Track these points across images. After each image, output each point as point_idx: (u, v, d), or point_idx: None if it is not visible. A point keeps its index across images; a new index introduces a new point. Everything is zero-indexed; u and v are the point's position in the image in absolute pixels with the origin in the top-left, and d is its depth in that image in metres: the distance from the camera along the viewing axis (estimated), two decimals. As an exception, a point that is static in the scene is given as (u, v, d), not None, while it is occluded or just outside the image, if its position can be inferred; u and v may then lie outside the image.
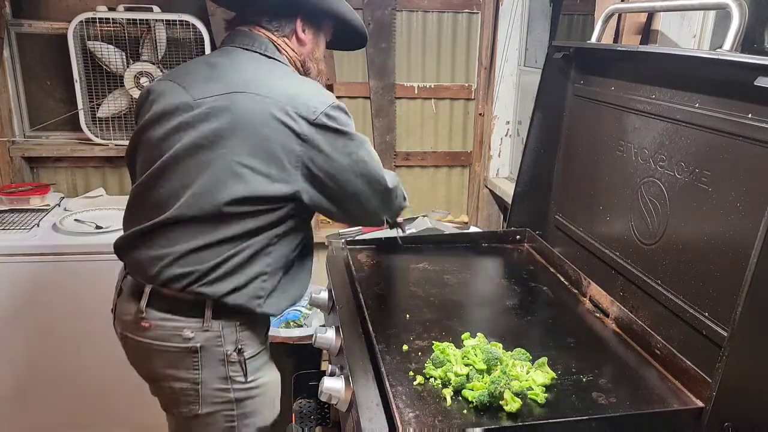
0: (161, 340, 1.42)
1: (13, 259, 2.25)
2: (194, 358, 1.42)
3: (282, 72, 1.44)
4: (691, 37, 1.68)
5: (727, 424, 1.04)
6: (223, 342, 1.43)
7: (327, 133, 1.34)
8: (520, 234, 1.92)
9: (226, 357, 1.44)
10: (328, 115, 1.34)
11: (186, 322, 1.40)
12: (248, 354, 1.47)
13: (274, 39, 1.47)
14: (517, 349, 1.24)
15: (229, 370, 1.45)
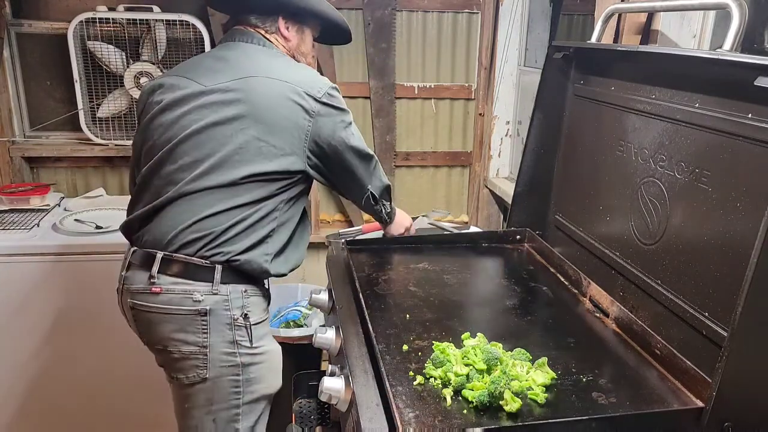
0: (171, 304, 1.49)
1: (13, 259, 2.24)
2: (203, 321, 1.49)
3: (285, 60, 1.58)
4: (691, 37, 1.68)
5: (727, 424, 1.04)
6: (230, 306, 1.50)
7: (329, 109, 1.51)
8: (520, 234, 1.92)
9: (233, 321, 1.51)
10: (330, 94, 1.52)
11: (196, 286, 1.48)
12: (253, 320, 1.54)
13: (265, 35, 1.59)
14: (517, 349, 1.24)
15: (236, 334, 1.52)
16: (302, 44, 1.65)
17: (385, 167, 3.02)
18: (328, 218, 3.12)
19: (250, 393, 1.57)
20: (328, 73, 2.85)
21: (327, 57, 2.82)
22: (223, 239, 1.47)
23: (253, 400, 1.59)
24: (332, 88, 1.54)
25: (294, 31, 1.62)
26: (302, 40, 1.65)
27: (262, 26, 1.59)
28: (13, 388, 2.37)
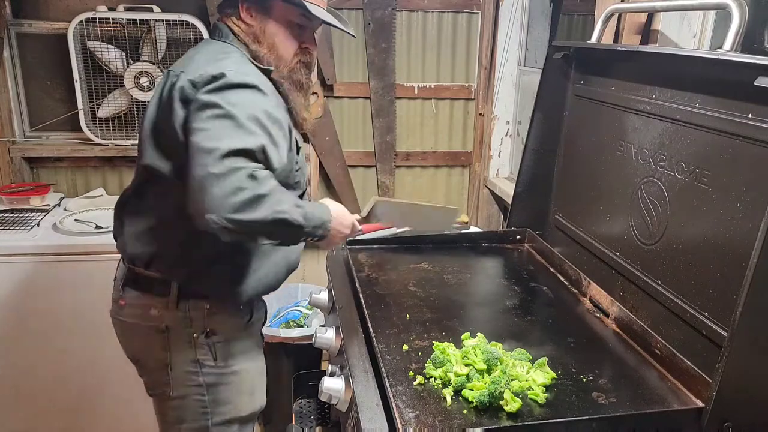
0: (134, 318, 1.46)
1: (13, 259, 2.24)
2: (163, 337, 1.44)
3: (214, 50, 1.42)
4: (691, 37, 1.68)
5: (727, 424, 1.04)
6: (190, 323, 1.44)
7: (205, 89, 1.30)
8: (520, 234, 1.92)
9: (194, 340, 1.45)
10: (215, 77, 1.29)
11: (153, 301, 1.44)
12: (219, 338, 1.47)
13: (229, 23, 1.47)
14: (517, 349, 1.24)
15: (198, 353, 1.46)
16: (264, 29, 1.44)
17: (385, 167, 3.04)
18: (328, 218, 3.12)
19: (219, 414, 1.51)
20: (328, 73, 2.85)
21: (327, 57, 2.82)
22: (177, 253, 1.41)
23: (223, 422, 1.52)
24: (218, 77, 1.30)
25: (258, 15, 1.45)
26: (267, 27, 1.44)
27: (227, 14, 1.48)
28: (12, 388, 2.37)
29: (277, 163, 1.31)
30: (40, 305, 2.29)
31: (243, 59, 1.41)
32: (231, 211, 1.19)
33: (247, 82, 1.31)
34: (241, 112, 1.26)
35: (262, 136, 1.27)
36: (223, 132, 1.24)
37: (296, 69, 1.49)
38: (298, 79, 1.50)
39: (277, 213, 1.24)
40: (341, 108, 2.96)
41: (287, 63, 1.47)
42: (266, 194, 1.22)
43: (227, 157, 1.20)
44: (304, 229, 1.31)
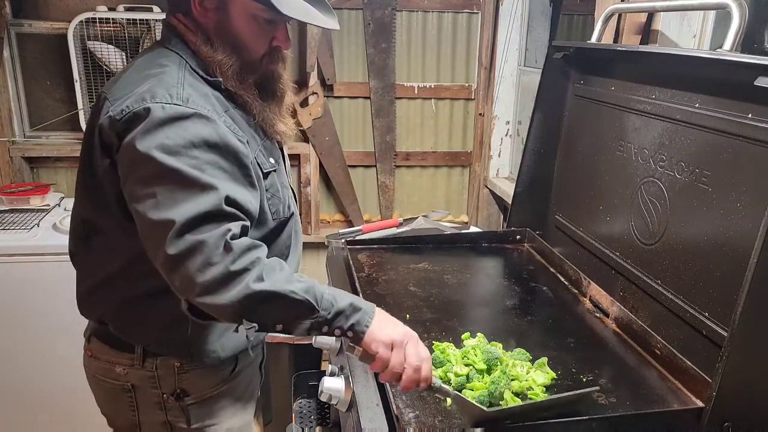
0: (100, 374, 1.30)
1: (13, 259, 2.24)
2: (129, 397, 1.28)
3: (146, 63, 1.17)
4: (691, 37, 1.68)
5: (727, 424, 1.04)
6: (158, 384, 1.26)
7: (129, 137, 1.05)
8: (520, 234, 1.92)
9: (163, 401, 1.27)
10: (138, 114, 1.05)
11: (118, 357, 1.26)
12: (193, 398, 1.28)
13: (174, 23, 1.21)
14: (517, 349, 1.24)
15: (168, 415, 1.28)
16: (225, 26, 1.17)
17: (385, 167, 3.03)
18: (328, 218, 3.12)
19: None
20: (328, 73, 2.85)
21: (327, 57, 2.83)
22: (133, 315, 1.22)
23: None
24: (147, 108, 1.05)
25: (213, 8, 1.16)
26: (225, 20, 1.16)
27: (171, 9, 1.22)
28: (12, 388, 2.37)
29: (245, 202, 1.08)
30: (40, 305, 2.29)
31: (182, 72, 1.13)
32: (201, 294, 0.99)
33: (180, 112, 1.05)
34: (185, 160, 1.01)
35: (223, 181, 1.04)
36: (169, 198, 1.00)
37: (266, 73, 1.24)
38: (270, 85, 1.26)
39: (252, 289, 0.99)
40: (341, 108, 2.96)
41: (254, 67, 1.21)
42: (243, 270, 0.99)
43: (184, 232, 0.99)
44: (315, 312, 1.02)
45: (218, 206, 1.01)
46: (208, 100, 1.12)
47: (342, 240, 1.82)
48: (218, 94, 1.16)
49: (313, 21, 1.18)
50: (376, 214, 3.14)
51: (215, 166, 1.05)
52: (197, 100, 1.09)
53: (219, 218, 1.01)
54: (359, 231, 2.17)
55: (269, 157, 1.25)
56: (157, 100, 1.05)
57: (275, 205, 1.25)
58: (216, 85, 1.17)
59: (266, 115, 1.24)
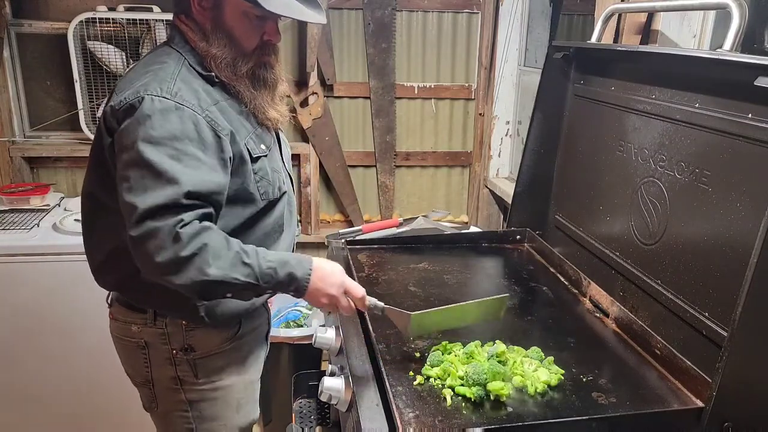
0: (120, 333, 1.44)
1: (13, 259, 2.24)
2: (143, 354, 1.41)
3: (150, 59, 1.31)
4: (691, 37, 1.68)
5: (727, 424, 1.04)
6: (168, 340, 1.39)
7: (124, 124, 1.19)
8: (520, 234, 1.92)
9: (173, 356, 1.40)
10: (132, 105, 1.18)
11: (134, 317, 1.40)
12: (200, 354, 1.40)
13: (177, 23, 1.34)
14: (533, 347, 1.25)
15: (177, 370, 1.41)
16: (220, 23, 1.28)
17: (385, 167, 3.03)
18: (328, 218, 3.12)
19: (206, 431, 1.47)
20: (328, 73, 2.85)
21: (327, 57, 2.82)
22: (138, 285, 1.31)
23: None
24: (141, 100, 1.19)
25: (209, 8, 1.28)
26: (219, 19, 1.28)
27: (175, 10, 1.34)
28: (11, 388, 2.37)
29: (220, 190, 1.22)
30: (40, 305, 2.29)
31: (178, 68, 1.26)
32: (158, 274, 1.15)
33: (167, 105, 1.18)
34: (160, 153, 1.15)
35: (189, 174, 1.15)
36: (140, 184, 1.14)
37: (259, 64, 1.34)
38: (261, 75, 1.36)
39: (204, 275, 1.13)
40: (341, 108, 2.96)
41: (247, 58, 1.32)
42: (192, 255, 1.12)
43: (145, 218, 1.12)
44: (259, 287, 1.20)
45: (176, 199, 1.14)
46: (197, 94, 1.25)
47: (342, 240, 1.82)
48: (210, 88, 1.30)
49: (297, 16, 1.28)
50: (376, 214, 3.14)
51: (193, 157, 1.18)
52: (185, 94, 1.22)
53: (175, 209, 1.14)
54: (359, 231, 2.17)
55: (260, 144, 1.36)
56: (149, 92, 1.19)
57: (264, 186, 1.36)
58: (209, 79, 1.30)
59: (258, 103, 1.36)
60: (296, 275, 1.22)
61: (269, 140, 1.41)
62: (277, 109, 1.41)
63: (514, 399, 1.11)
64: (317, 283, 1.24)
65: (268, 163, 1.38)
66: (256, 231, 1.38)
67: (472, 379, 1.10)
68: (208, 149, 1.21)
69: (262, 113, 1.37)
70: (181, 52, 1.30)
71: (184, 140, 1.18)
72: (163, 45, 1.36)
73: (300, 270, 1.23)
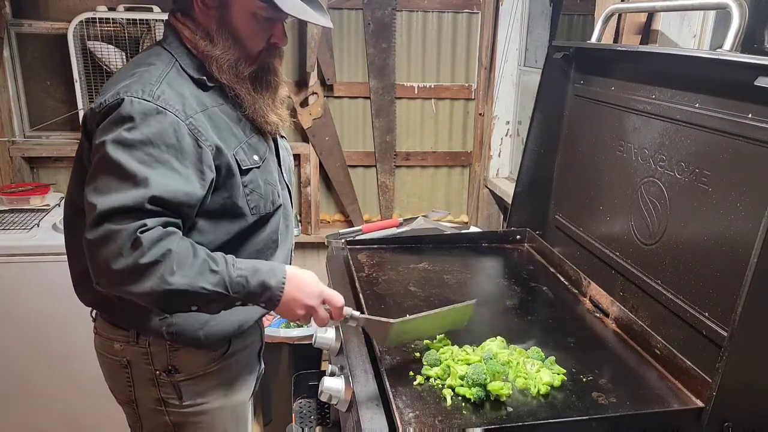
0: (102, 350, 1.37)
1: (13, 259, 2.24)
2: (126, 372, 1.33)
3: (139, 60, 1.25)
4: (691, 37, 1.68)
5: (727, 424, 1.04)
6: (151, 360, 1.31)
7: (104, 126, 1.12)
8: (520, 234, 1.92)
9: (156, 377, 1.32)
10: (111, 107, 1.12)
11: (116, 334, 1.32)
12: (184, 375, 1.32)
13: (172, 22, 1.27)
14: (533, 348, 1.25)
15: (161, 391, 1.33)
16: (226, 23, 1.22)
17: (385, 167, 3.04)
18: (328, 218, 3.12)
19: None
20: (328, 73, 2.85)
21: (327, 57, 2.82)
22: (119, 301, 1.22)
23: None
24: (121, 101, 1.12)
25: (215, 7, 1.22)
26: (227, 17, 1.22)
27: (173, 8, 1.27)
28: (12, 389, 2.37)
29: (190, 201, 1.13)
30: (40, 305, 2.29)
31: (167, 70, 1.20)
32: (113, 283, 1.06)
33: (147, 108, 1.11)
34: (134, 157, 1.07)
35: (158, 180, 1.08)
36: (105, 185, 1.07)
37: (263, 66, 1.29)
38: (264, 78, 1.30)
39: (167, 284, 1.04)
40: (341, 108, 2.96)
41: (252, 60, 1.26)
42: (153, 262, 1.03)
43: (104, 219, 1.04)
44: (227, 298, 1.11)
45: (140, 203, 1.06)
46: (183, 99, 1.17)
47: (342, 240, 1.82)
48: (200, 93, 1.22)
49: (310, 19, 1.24)
50: (376, 214, 3.14)
51: (166, 165, 1.11)
52: (169, 98, 1.15)
53: (137, 213, 1.06)
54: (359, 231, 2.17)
55: (253, 154, 1.28)
56: (129, 94, 1.12)
57: (255, 200, 1.28)
58: (201, 83, 1.23)
59: (258, 107, 1.29)
60: (269, 284, 1.14)
61: (263, 150, 1.33)
62: (277, 113, 1.35)
63: (514, 399, 1.11)
64: (293, 293, 1.16)
65: (261, 175, 1.30)
66: (247, 247, 1.30)
67: (472, 379, 1.10)
68: (186, 158, 1.13)
69: (262, 117, 1.31)
70: (173, 53, 1.23)
71: (160, 146, 1.10)
72: (155, 45, 1.28)
73: (273, 278, 1.14)
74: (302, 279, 1.19)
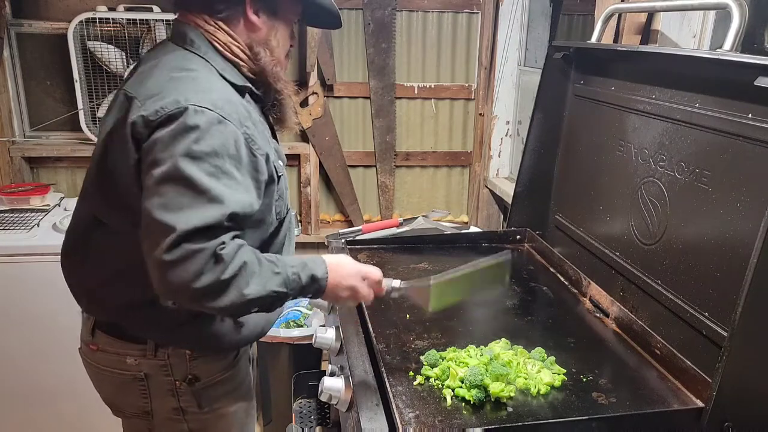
0: (109, 365, 1.32)
1: (13, 259, 2.24)
2: (141, 385, 1.31)
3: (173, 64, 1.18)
4: (691, 37, 1.68)
5: (727, 424, 1.04)
6: (170, 371, 1.29)
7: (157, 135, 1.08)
8: (520, 234, 1.92)
9: (176, 388, 1.31)
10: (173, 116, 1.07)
11: (129, 348, 1.28)
12: (204, 383, 1.32)
13: (201, 24, 1.21)
14: (537, 348, 1.25)
15: (180, 401, 1.32)
16: (273, 34, 1.26)
17: (385, 167, 3.04)
18: (328, 218, 3.12)
19: None
20: (328, 73, 2.85)
21: (327, 57, 2.82)
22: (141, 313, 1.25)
23: None
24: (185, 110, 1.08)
25: (265, 16, 1.23)
26: (273, 29, 1.25)
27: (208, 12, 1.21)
28: (12, 389, 2.37)
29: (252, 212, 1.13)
30: (40, 305, 2.29)
31: (212, 77, 1.17)
32: (192, 300, 1.05)
33: (212, 118, 1.08)
34: (202, 170, 1.05)
35: (234, 192, 1.07)
36: (179, 202, 1.03)
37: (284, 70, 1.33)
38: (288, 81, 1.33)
39: (245, 296, 1.06)
40: (341, 108, 2.96)
41: (284, 65, 1.30)
42: (233, 276, 1.05)
43: (184, 240, 1.02)
44: (287, 296, 1.14)
45: (220, 221, 1.05)
46: (235, 107, 1.14)
47: (342, 240, 1.82)
48: (242, 100, 1.20)
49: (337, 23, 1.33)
50: (376, 214, 3.14)
51: (230, 176, 1.08)
52: (226, 107, 1.11)
53: (217, 232, 1.05)
54: (359, 231, 2.17)
55: (279, 160, 1.29)
56: (192, 103, 1.08)
57: (280, 206, 1.30)
58: (242, 90, 1.22)
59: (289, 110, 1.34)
60: (317, 275, 1.17)
61: (283, 154, 1.36)
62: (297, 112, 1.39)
63: (514, 399, 1.11)
64: (336, 278, 1.19)
65: (284, 181, 1.33)
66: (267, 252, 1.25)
67: (470, 381, 1.10)
68: (243, 168, 1.11)
69: (291, 119, 1.35)
70: (206, 59, 1.19)
71: (224, 157, 1.08)
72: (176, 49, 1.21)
73: (318, 269, 1.17)
74: (340, 263, 1.22)
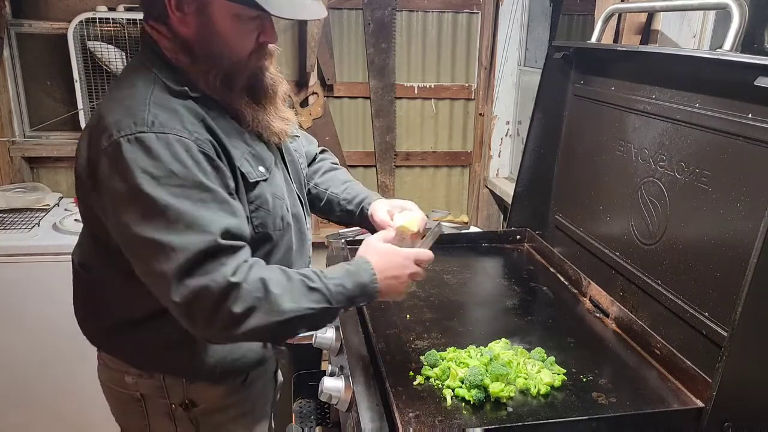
0: (111, 383, 1.29)
1: (13, 259, 2.24)
2: (139, 406, 1.26)
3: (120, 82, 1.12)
4: (691, 37, 1.68)
5: (727, 424, 1.04)
6: (166, 393, 1.23)
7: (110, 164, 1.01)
8: (520, 234, 1.92)
9: (171, 411, 1.24)
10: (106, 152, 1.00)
11: (127, 367, 1.24)
12: (202, 409, 1.24)
13: (147, 30, 1.12)
14: (537, 348, 1.25)
15: (177, 426, 1.25)
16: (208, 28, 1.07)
17: (385, 167, 3.03)
18: (328, 218, 3.12)
19: None
20: (328, 73, 2.85)
21: (327, 57, 2.82)
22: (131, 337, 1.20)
23: None
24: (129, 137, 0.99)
25: (193, 10, 1.06)
26: (210, 21, 1.07)
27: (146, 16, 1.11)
28: (12, 389, 2.37)
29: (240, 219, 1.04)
30: (40, 305, 2.29)
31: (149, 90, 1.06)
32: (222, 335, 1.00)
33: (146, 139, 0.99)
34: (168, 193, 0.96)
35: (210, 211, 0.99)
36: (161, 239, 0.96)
37: (255, 71, 1.15)
38: (261, 83, 1.17)
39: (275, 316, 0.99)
40: (341, 108, 2.96)
41: (242, 67, 1.12)
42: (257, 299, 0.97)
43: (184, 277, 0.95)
44: (336, 310, 1.05)
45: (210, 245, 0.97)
46: (177, 115, 1.04)
47: (342, 240, 1.82)
48: (191, 104, 1.08)
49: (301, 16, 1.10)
50: (376, 214, 3.14)
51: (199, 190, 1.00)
52: (165, 120, 1.02)
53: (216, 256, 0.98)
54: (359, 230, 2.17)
55: (258, 165, 1.16)
56: (122, 132, 1.00)
57: (260, 218, 1.15)
58: (182, 94, 1.08)
59: (261, 118, 1.17)
60: (364, 281, 1.07)
61: (270, 160, 1.20)
62: (282, 117, 1.22)
63: (514, 399, 1.11)
64: (386, 276, 1.09)
65: (268, 188, 1.16)
66: None
67: (470, 381, 1.10)
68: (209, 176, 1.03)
69: (265, 129, 1.18)
70: (151, 68, 1.09)
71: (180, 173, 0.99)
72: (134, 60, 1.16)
73: (365, 274, 1.08)
74: (383, 256, 1.11)
